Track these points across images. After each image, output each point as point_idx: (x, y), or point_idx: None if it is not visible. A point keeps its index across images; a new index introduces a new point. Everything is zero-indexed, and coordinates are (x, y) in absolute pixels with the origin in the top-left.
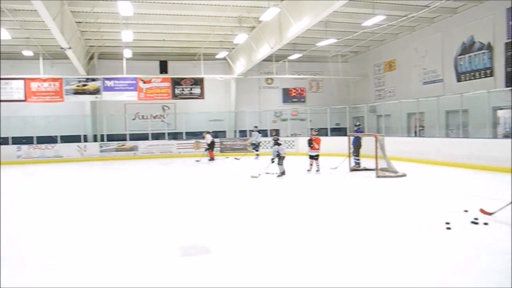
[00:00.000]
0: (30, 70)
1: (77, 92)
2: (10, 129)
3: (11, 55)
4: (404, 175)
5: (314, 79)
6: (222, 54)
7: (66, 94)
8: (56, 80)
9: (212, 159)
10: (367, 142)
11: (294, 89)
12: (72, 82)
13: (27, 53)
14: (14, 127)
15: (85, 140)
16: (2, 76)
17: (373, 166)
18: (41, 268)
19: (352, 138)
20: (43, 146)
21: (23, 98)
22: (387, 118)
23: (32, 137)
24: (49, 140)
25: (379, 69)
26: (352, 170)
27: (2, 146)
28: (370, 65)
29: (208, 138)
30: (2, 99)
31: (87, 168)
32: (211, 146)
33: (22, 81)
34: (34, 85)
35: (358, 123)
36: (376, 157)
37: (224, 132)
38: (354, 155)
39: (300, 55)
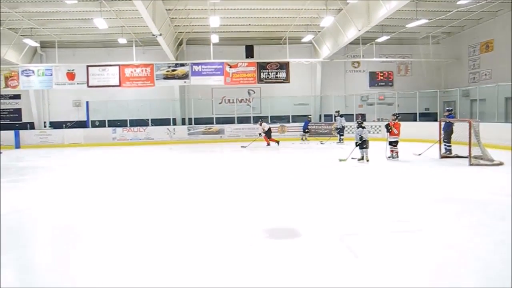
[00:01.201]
0: (124, 57)
1: (167, 77)
2: (107, 112)
3: (108, 43)
4: (501, 164)
5: (403, 62)
6: (308, 38)
7: (157, 79)
8: (148, 66)
9: (268, 144)
10: (459, 129)
11: (381, 72)
12: (162, 68)
13: (122, 40)
14: (110, 110)
15: (174, 123)
16: (100, 63)
17: (466, 154)
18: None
19: (443, 123)
20: (135, 128)
21: (118, 83)
22: (482, 103)
23: (126, 120)
24: (141, 123)
25: (474, 50)
26: (443, 157)
27: (99, 128)
28: (464, 47)
29: (265, 126)
30: (100, 84)
31: (177, 150)
32: (267, 133)
33: (117, 67)
34: (127, 71)
35: (449, 108)
36: (470, 144)
37: (309, 116)
38: (445, 142)
39: (388, 37)
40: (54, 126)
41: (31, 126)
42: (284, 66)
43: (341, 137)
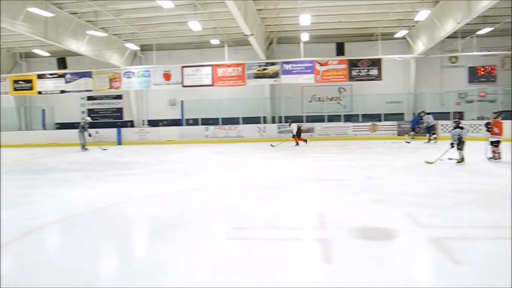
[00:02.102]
0: (217, 57)
1: (257, 76)
2: (200, 111)
3: (201, 44)
4: None
5: (508, 56)
6: (401, 33)
7: (248, 78)
8: (239, 65)
9: (297, 144)
10: None
11: (483, 67)
12: (253, 67)
13: (214, 41)
14: (203, 109)
15: (264, 122)
16: (194, 64)
17: None
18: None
19: None
20: (227, 127)
21: (210, 83)
22: None
23: (218, 119)
24: (233, 121)
25: None
26: None
27: (193, 126)
28: None
29: (294, 127)
30: (194, 84)
31: (262, 147)
32: (297, 133)
33: (210, 67)
34: (220, 71)
35: None
36: None
37: (402, 114)
38: None
39: (491, 28)
40: (151, 124)
41: (131, 124)
42: (376, 63)
43: (434, 135)
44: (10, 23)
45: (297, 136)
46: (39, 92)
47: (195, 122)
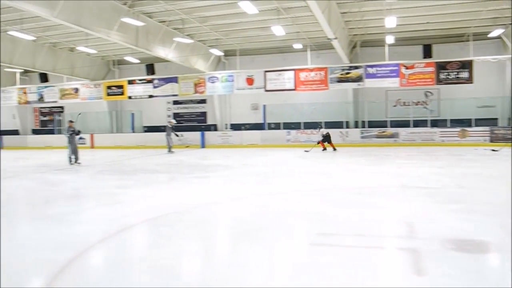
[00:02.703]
0: (299, 61)
1: (340, 80)
2: (282, 115)
3: (283, 49)
4: None
5: None
6: (496, 32)
7: (331, 82)
8: (322, 69)
9: (324, 149)
10: None
11: None
12: (336, 71)
13: (297, 46)
14: (285, 113)
15: (347, 126)
16: (277, 68)
17: None
18: None
19: None
20: (309, 131)
21: (293, 87)
22: None
23: (299, 123)
24: (314, 125)
25: None
26: None
27: (275, 130)
28: None
29: (323, 131)
30: (276, 88)
31: (347, 152)
32: (326, 138)
33: (292, 72)
34: (302, 75)
35: None
36: None
37: (495, 119)
38: None
39: None
40: (234, 128)
41: (215, 127)
42: (467, 65)
43: None
44: (106, 33)
45: (327, 142)
46: (129, 97)
47: (277, 126)
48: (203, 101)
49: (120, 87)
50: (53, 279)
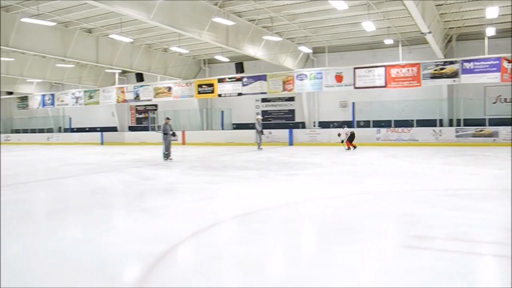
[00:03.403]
0: (390, 58)
1: (434, 76)
2: (371, 113)
3: (374, 45)
4: None
5: None
6: None
7: (423, 79)
8: (414, 65)
9: (348, 148)
10: None
11: None
12: (430, 66)
13: (388, 41)
14: (374, 111)
15: (441, 125)
16: (367, 65)
17: None
18: None
19: None
20: (400, 129)
21: (383, 84)
22: None
23: (390, 121)
24: (406, 124)
25: None
26: None
27: (364, 128)
28: None
29: (348, 131)
30: (366, 85)
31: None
32: (350, 137)
33: (383, 68)
34: (393, 71)
35: None
36: None
37: None
38: None
39: None
40: (322, 125)
41: (303, 125)
42: None
43: None
44: (198, 33)
45: (349, 141)
46: (219, 95)
47: (366, 124)
48: (291, 99)
49: (211, 85)
50: (149, 270)
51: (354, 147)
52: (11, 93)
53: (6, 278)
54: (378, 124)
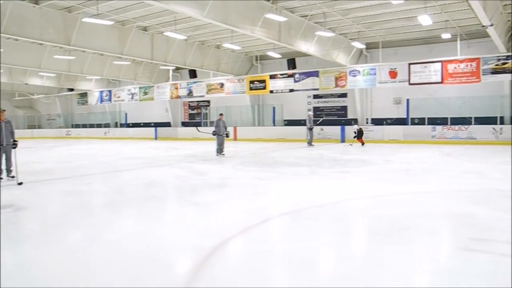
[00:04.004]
0: (447, 52)
1: (495, 71)
2: (427, 110)
3: (430, 40)
4: None
5: None
6: None
7: (483, 74)
8: (473, 60)
9: (363, 144)
10: None
11: None
12: (490, 61)
13: (445, 35)
14: (430, 108)
15: (501, 123)
16: (422, 60)
17: None
18: None
19: None
20: (456, 127)
21: (439, 80)
22: None
23: (446, 118)
24: (463, 121)
25: None
26: None
27: (419, 126)
28: None
29: (356, 128)
30: (421, 82)
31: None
32: (359, 134)
33: (439, 64)
34: (450, 67)
35: None
36: None
37: None
38: None
39: None
40: (375, 122)
41: (355, 122)
42: None
43: None
44: (250, 29)
45: (358, 136)
46: (271, 91)
47: (421, 121)
48: (343, 95)
49: (262, 81)
50: (200, 264)
51: (362, 143)
52: (72, 89)
53: (66, 268)
54: (434, 121)
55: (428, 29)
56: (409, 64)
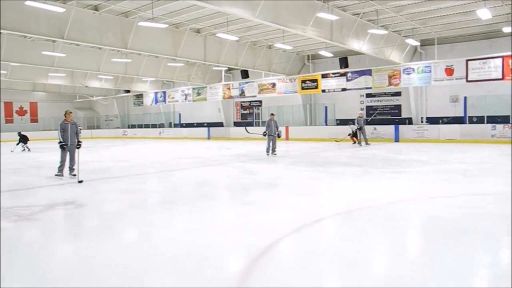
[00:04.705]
0: (509, 47)
1: None
2: (486, 108)
3: (489, 34)
4: None
5: None
6: None
7: None
8: None
9: (354, 142)
10: None
11: None
12: None
13: (506, 29)
14: (489, 106)
15: None
16: (481, 56)
17: None
18: None
19: None
20: None
21: (500, 77)
22: None
23: (507, 116)
24: None
25: None
26: None
27: (477, 124)
28: None
29: (353, 127)
30: (480, 78)
31: None
32: (354, 133)
33: (500, 59)
34: None
35: None
36: None
37: None
38: None
39: None
40: (430, 121)
41: (409, 121)
42: None
43: None
44: (302, 29)
45: (353, 135)
46: (323, 91)
47: (479, 120)
48: (397, 94)
49: (314, 81)
50: (252, 262)
51: (354, 142)
52: (128, 91)
53: (122, 262)
54: (494, 120)
55: (488, 23)
56: (467, 60)
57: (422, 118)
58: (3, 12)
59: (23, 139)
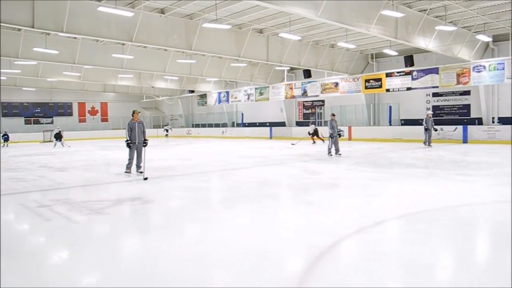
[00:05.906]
0: None
1: None
2: None
3: None
4: None
5: None
6: None
7: None
8: None
9: (314, 142)
10: None
11: None
12: None
13: None
14: None
15: None
16: None
17: None
18: None
19: None
20: None
21: None
22: None
23: None
24: None
25: None
26: None
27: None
28: None
29: (312, 127)
30: None
31: None
32: (314, 133)
33: None
34: None
35: None
36: None
37: None
38: None
39: None
40: (502, 121)
41: (479, 121)
42: None
43: None
44: (365, 27)
45: (316, 135)
46: (387, 90)
47: None
48: (466, 93)
49: (378, 80)
50: (313, 262)
51: (323, 140)
52: (192, 91)
53: (185, 257)
54: None
55: None
56: None
57: (493, 118)
58: (78, 18)
59: (58, 137)
